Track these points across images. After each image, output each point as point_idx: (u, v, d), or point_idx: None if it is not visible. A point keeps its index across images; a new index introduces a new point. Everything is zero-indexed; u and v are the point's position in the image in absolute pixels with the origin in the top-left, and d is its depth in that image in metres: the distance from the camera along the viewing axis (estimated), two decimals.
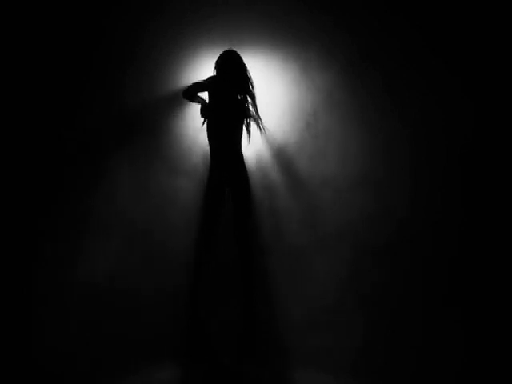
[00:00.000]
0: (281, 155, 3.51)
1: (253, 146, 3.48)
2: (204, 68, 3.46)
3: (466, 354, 3.23)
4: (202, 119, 3.40)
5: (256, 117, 3.39)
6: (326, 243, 3.45)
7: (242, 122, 3.38)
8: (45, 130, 3.43)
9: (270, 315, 3.41)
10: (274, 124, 3.50)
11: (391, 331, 3.32)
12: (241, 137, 3.39)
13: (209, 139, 3.38)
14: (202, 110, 3.38)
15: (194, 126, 3.48)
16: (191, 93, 3.38)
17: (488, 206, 3.38)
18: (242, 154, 3.39)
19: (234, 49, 3.38)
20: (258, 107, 3.39)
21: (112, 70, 3.48)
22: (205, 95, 3.42)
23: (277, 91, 3.51)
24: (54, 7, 3.44)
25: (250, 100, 3.37)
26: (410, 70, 3.48)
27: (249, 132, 3.41)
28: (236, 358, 3.31)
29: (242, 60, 3.36)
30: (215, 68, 3.36)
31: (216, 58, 3.36)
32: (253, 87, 3.37)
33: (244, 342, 3.36)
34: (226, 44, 3.42)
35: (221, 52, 3.36)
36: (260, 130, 3.41)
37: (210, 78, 3.37)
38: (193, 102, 3.43)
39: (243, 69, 3.36)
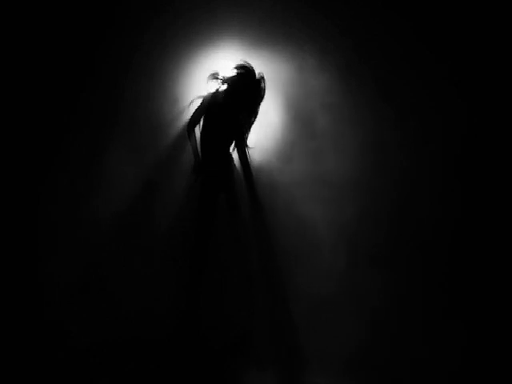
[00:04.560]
0: (277, 156, 3.52)
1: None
2: (203, 68, 3.46)
3: (466, 354, 3.26)
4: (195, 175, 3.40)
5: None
6: (322, 242, 3.46)
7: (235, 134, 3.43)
8: (45, 129, 3.44)
9: (269, 315, 3.42)
10: (269, 124, 3.52)
11: (391, 332, 3.33)
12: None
13: (202, 147, 3.41)
14: (194, 165, 3.38)
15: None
16: (191, 125, 3.38)
17: (486, 206, 3.39)
18: (232, 158, 3.45)
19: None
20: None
21: (112, 71, 3.50)
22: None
23: (274, 91, 3.52)
24: (55, 7, 3.46)
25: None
26: (406, 71, 3.50)
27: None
28: (236, 358, 3.32)
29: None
30: (233, 80, 3.33)
31: (234, 65, 3.33)
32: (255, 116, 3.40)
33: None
34: (225, 43, 3.45)
35: (240, 61, 3.34)
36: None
37: (213, 93, 3.37)
38: (189, 138, 3.39)
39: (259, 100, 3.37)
